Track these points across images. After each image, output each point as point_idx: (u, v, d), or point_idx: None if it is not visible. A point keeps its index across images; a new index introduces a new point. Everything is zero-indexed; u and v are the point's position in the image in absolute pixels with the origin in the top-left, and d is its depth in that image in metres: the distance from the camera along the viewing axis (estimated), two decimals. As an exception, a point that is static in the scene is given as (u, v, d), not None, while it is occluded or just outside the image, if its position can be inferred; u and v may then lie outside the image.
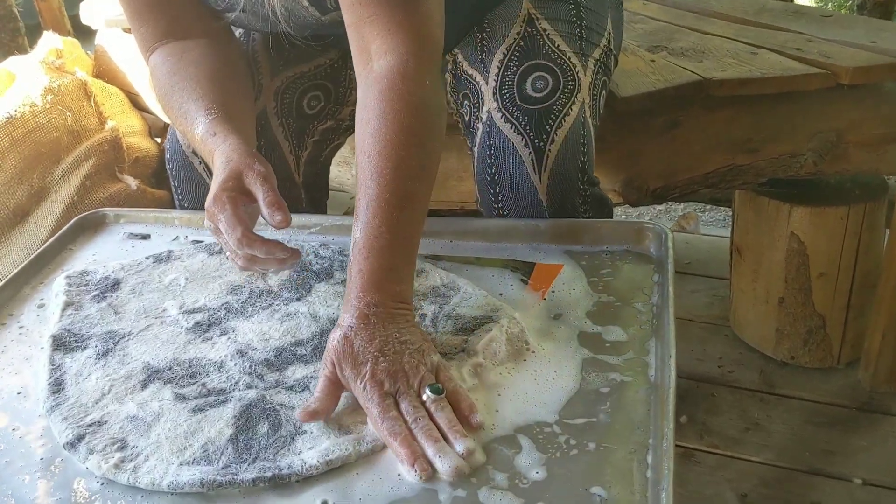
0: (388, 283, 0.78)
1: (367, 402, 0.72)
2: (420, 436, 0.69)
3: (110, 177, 1.62)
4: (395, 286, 0.79)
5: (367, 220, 0.80)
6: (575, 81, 1.02)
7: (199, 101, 0.96)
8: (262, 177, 0.86)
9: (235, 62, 1.05)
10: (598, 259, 0.94)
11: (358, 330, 0.75)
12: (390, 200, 0.81)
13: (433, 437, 0.69)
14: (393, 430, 0.69)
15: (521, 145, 0.99)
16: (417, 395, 0.72)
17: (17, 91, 1.61)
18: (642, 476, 0.65)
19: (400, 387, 0.72)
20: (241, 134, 0.92)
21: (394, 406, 0.72)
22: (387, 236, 0.79)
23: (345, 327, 0.76)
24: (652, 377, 0.76)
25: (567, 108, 1.00)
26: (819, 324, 1.53)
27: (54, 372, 0.83)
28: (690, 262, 2.02)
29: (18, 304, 0.97)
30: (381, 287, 0.78)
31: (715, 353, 1.67)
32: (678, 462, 1.34)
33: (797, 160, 1.37)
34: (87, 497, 0.69)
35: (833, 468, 1.36)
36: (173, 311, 0.91)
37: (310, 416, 0.72)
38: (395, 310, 0.77)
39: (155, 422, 0.75)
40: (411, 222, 0.83)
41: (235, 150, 0.89)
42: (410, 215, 0.82)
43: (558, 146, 0.99)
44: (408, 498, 0.66)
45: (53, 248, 1.07)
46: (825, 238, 1.46)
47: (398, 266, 0.80)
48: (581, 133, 1.01)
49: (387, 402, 0.71)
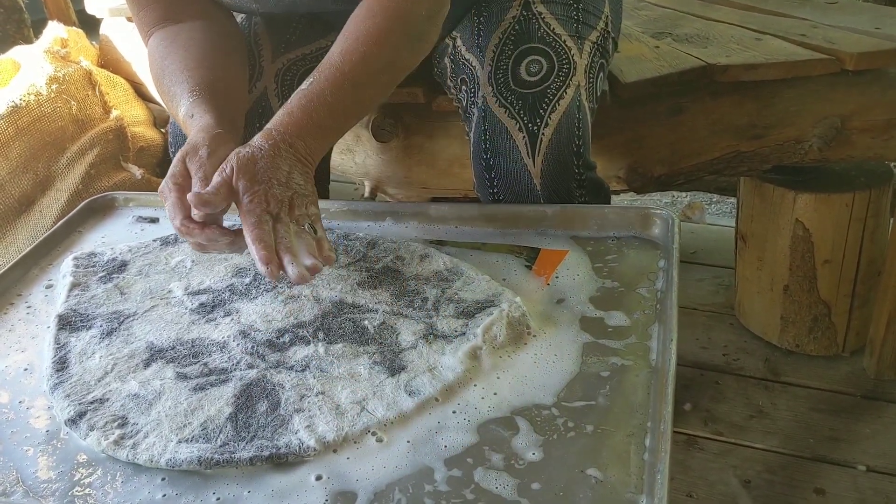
0: (310, 136, 0.86)
1: (247, 214, 0.80)
2: (281, 248, 0.79)
3: (115, 166, 1.62)
4: (314, 142, 0.87)
5: (321, 79, 0.88)
6: (570, 65, 1.01)
7: (184, 84, 0.96)
8: (200, 161, 0.86)
9: (228, 43, 1.05)
10: (603, 245, 0.95)
11: (267, 155, 0.82)
12: (348, 75, 0.89)
13: (292, 251, 0.79)
14: (260, 238, 0.78)
15: (515, 130, 0.99)
16: (294, 221, 0.81)
17: (21, 80, 1.61)
18: (639, 459, 0.65)
19: (280, 213, 0.81)
20: (218, 113, 0.93)
21: (269, 223, 0.80)
22: (329, 100, 0.87)
23: (255, 147, 0.83)
24: (653, 361, 0.76)
25: (562, 91, 1.00)
26: (824, 311, 1.53)
27: (59, 350, 0.84)
28: (696, 252, 2.01)
29: (27, 285, 0.99)
30: (304, 135, 0.86)
31: (720, 341, 1.67)
32: (682, 449, 1.36)
33: (802, 146, 1.36)
34: (88, 472, 0.70)
35: (837, 455, 1.36)
36: (178, 293, 0.92)
37: (202, 203, 0.80)
38: (304, 158, 0.86)
39: (156, 400, 0.76)
40: (356, 103, 0.91)
41: (199, 131, 0.89)
42: (358, 97, 0.91)
43: (552, 130, 0.99)
44: (404, 477, 0.66)
45: (62, 231, 1.08)
46: (830, 225, 1.45)
47: (326, 128, 0.89)
48: (576, 117, 1.01)
49: (264, 218, 0.80)
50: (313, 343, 0.81)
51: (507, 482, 0.65)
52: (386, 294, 0.88)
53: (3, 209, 1.48)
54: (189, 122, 0.93)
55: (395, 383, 0.75)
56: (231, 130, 0.92)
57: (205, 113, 0.92)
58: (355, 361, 0.78)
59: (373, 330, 0.82)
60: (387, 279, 0.90)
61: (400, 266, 0.92)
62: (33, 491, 0.68)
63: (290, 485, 0.67)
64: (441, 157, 1.45)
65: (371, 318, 0.84)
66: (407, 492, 0.65)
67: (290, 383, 0.76)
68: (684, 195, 2.42)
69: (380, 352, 0.79)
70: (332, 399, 0.74)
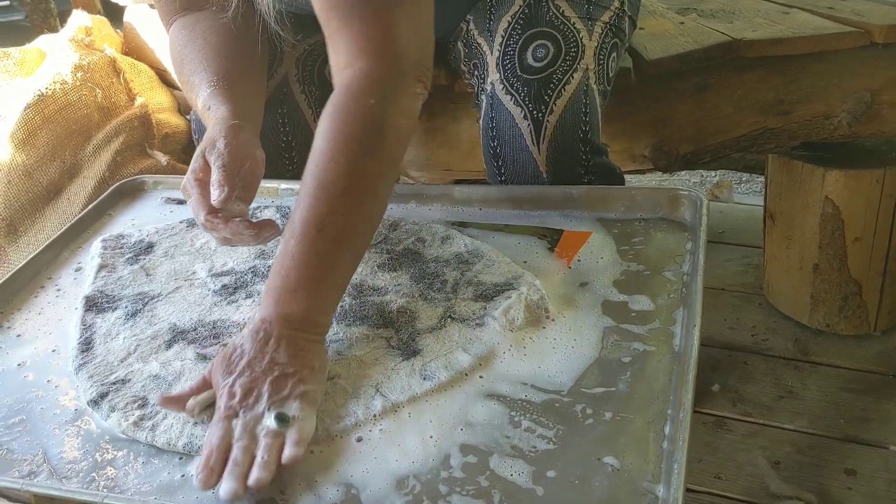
0: (294, 304, 0.75)
1: (215, 410, 0.70)
2: (231, 457, 0.66)
3: (140, 153, 1.63)
4: (303, 310, 0.75)
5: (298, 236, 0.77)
6: (578, 48, 1.00)
7: (202, 74, 0.96)
8: (218, 153, 0.84)
9: (248, 31, 1.05)
10: (630, 227, 0.93)
11: (244, 342, 0.73)
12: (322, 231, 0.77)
13: (237, 460, 0.66)
14: (210, 439, 0.67)
15: (520, 117, 0.98)
16: (258, 417, 0.69)
17: (47, 69, 1.62)
18: (658, 447, 0.64)
19: (247, 404, 0.69)
20: (235, 104, 0.92)
21: (231, 419, 0.69)
22: (313, 262, 0.76)
23: (237, 337, 0.75)
24: (676, 347, 0.74)
25: (568, 76, 0.98)
26: (855, 290, 1.50)
27: (85, 332, 0.86)
28: (724, 231, 1.99)
29: (57, 268, 1.00)
30: (283, 307, 0.74)
31: (748, 321, 1.65)
32: (710, 430, 1.35)
33: (831, 122, 1.33)
34: (110, 452, 0.71)
35: (868, 435, 1.34)
36: (202, 274, 0.93)
37: (166, 403, 0.72)
38: (291, 330, 0.74)
39: (176, 381, 0.77)
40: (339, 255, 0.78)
41: (216, 124, 0.89)
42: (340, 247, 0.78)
43: (557, 117, 0.98)
44: (419, 463, 0.66)
45: (92, 215, 1.10)
46: (861, 202, 1.42)
47: (315, 292, 0.76)
48: (583, 101, 0.99)
49: (228, 413, 0.69)
50: (333, 325, 0.81)
51: (522, 469, 0.64)
52: (406, 276, 0.88)
53: (31, 197, 1.49)
54: (206, 114, 0.93)
55: (409, 367, 0.75)
56: (248, 120, 0.92)
57: (221, 104, 0.91)
58: (372, 344, 0.79)
59: (391, 313, 0.82)
60: (407, 261, 0.90)
61: (421, 248, 0.92)
62: (58, 472, 0.69)
63: (300, 468, 0.67)
64: (463, 140, 1.44)
65: (390, 301, 0.84)
66: (422, 478, 0.65)
67: None
68: (713, 174, 2.39)
69: (397, 335, 0.79)
70: (347, 382, 0.74)
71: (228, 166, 0.84)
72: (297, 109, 1.10)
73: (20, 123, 1.50)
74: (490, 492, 0.63)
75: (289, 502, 0.64)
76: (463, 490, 0.63)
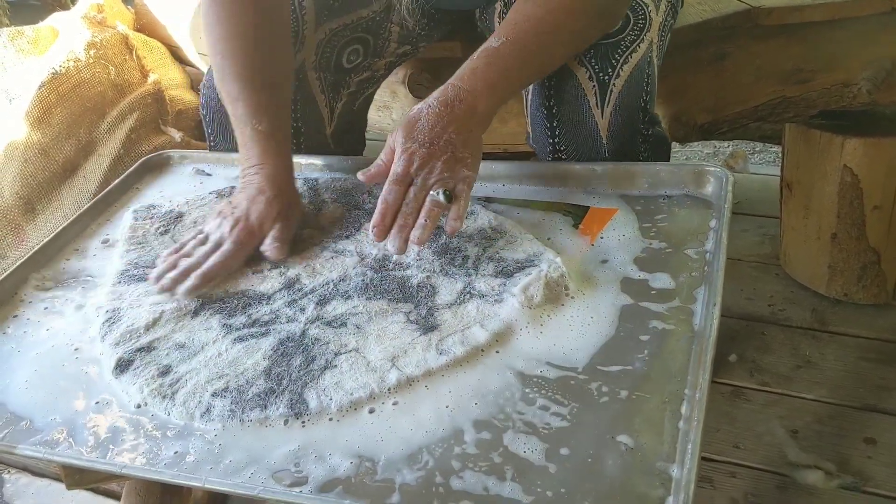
0: (484, 95, 0.86)
1: (393, 168, 0.84)
2: (400, 215, 0.82)
3: (155, 130, 1.63)
4: (487, 100, 0.87)
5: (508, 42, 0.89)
6: (646, 19, 0.98)
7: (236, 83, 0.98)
8: (283, 217, 0.93)
9: (277, 21, 1.04)
10: (654, 204, 0.91)
11: (432, 112, 0.85)
12: (534, 43, 0.90)
13: (406, 222, 0.82)
14: (386, 198, 0.83)
15: (584, 78, 0.96)
16: (428, 188, 0.83)
17: (61, 47, 1.62)
18: (673, 427, 0.64)
19: (422, 175, 0.83)
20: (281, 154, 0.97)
21: (406, 183, 0.83)
22: (515, 64, 0.89)
23: (424, 105, 0.86)
24: (696, 326, 0.73)
25: (636, 44, 0.97)
26: (873, 259, 1.49)
27: (114, 301, 0.87)
28: (740, 202, 1.98)
29: (84, 240, 1.02)
30: (478, 94, 0.86)
31: (765, 292, 1.64)
32: (727, 400, 1.35)
33: (850, 90, 1.32)
34: (132, 420, 0.72)
35: (888, 404, 1.33)
36: None
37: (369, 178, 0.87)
38: (471, 115, 0.85)
39: (199, 350, 0.78)
40: (537, 70, 0.93)
41: (276, 188, 0.94)
42: (541, 64, 0.92)
43: (623, 81, 0.96)
44: (432, 437, 0.66)
45: (119, 189, 1.11)
46: (880, 170, 1.41)
47: (504, 89, 0.89)
48: (646, 72, 0.98)
49: (404, 178, 0.83)
50: (354, 298, 0.82)
51: (535, 446, 0.64)
52: (428, 251, 0.88)
53: (48, 175, 1.50)
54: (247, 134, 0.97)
55: (426, 341, 0.75)
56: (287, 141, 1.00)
57: (269, 158, 0.96)
58: (391, 318, 0.79)
59: (412, 288, 0.83)
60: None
61: (444, 223, 0.92)
62: (79, 442, 0.71)
63: (314, 441, 0.68)
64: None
65: (412, 276, 0.84)
66: (435, 453, 0.65)
67: (326, 338, 0.77)
68: (726, 145, 2.37)
69: (416, 310, 0.80)
70: (365, 356, 0.75)
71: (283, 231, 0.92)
72: (309, 96, 1.10)
73: (35, 102, 1.50)
74: (503, 468, 0.63)
75: (302, 474, 0.65)
76: (475, 466, 0.63)
